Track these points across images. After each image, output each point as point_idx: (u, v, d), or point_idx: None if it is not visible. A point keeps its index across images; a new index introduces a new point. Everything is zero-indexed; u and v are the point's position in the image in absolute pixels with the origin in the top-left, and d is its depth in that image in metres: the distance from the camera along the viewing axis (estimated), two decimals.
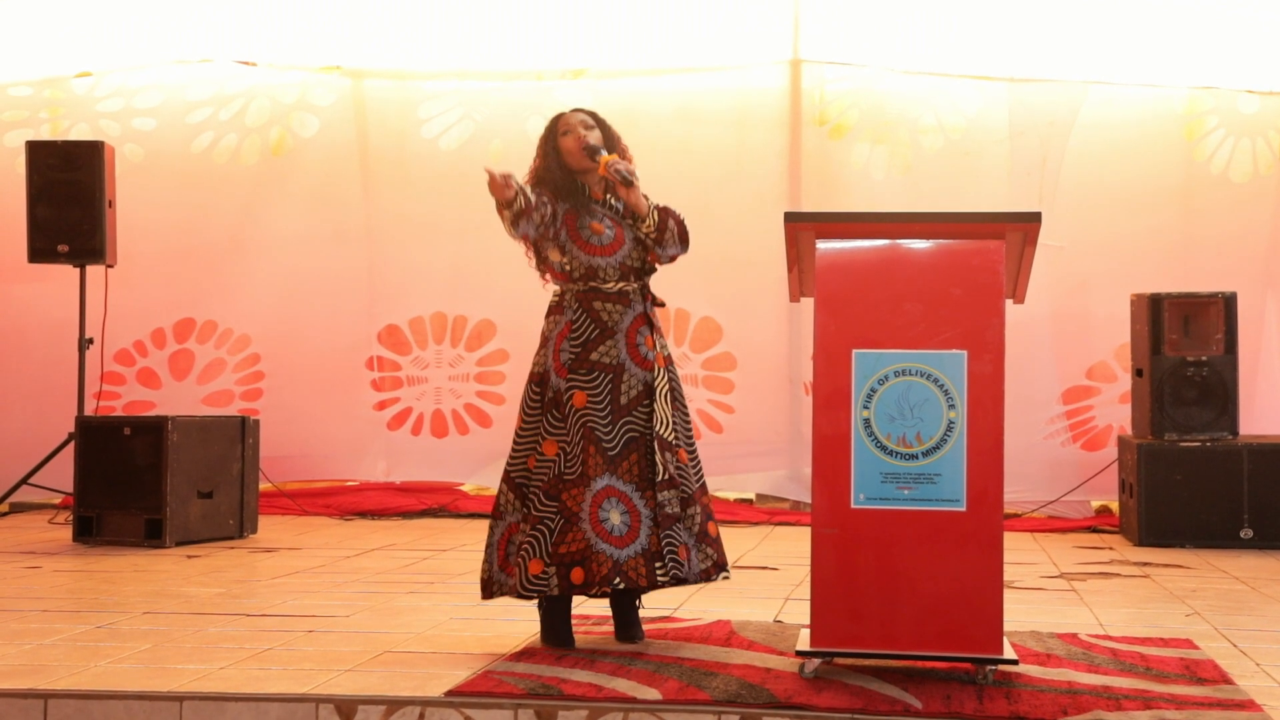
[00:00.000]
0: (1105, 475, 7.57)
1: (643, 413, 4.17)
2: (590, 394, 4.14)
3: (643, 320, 4.23)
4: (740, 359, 8.16)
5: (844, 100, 8.11)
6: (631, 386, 4.17)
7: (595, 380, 4.15)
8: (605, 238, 4.23)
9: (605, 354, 4.17)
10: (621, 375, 4.17)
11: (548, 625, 4.20)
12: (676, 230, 4.27)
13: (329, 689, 3.65)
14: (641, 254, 4.27)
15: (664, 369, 4.23)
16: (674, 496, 4.16)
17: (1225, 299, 6.97)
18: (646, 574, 4.09)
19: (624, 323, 4.20)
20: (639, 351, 4.20)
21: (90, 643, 4.26)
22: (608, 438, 4.12)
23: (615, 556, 4.06)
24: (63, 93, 8.53)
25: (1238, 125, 7.87)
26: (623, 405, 4.15)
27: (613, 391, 4.15)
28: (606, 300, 4.20)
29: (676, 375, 4.31)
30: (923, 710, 3.46)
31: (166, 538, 6.55)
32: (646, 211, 4.22)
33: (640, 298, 4.25)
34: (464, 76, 8.36)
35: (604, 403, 4.14)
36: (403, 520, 7.83)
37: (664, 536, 4.11)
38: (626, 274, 4.23)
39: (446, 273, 8.32)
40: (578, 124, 4.27)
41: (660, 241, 4.24)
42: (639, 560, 4.08)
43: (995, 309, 3.77)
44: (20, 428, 8.15)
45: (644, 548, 4.10)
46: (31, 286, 8.24)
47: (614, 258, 4.23)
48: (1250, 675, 3.92)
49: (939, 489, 3.73)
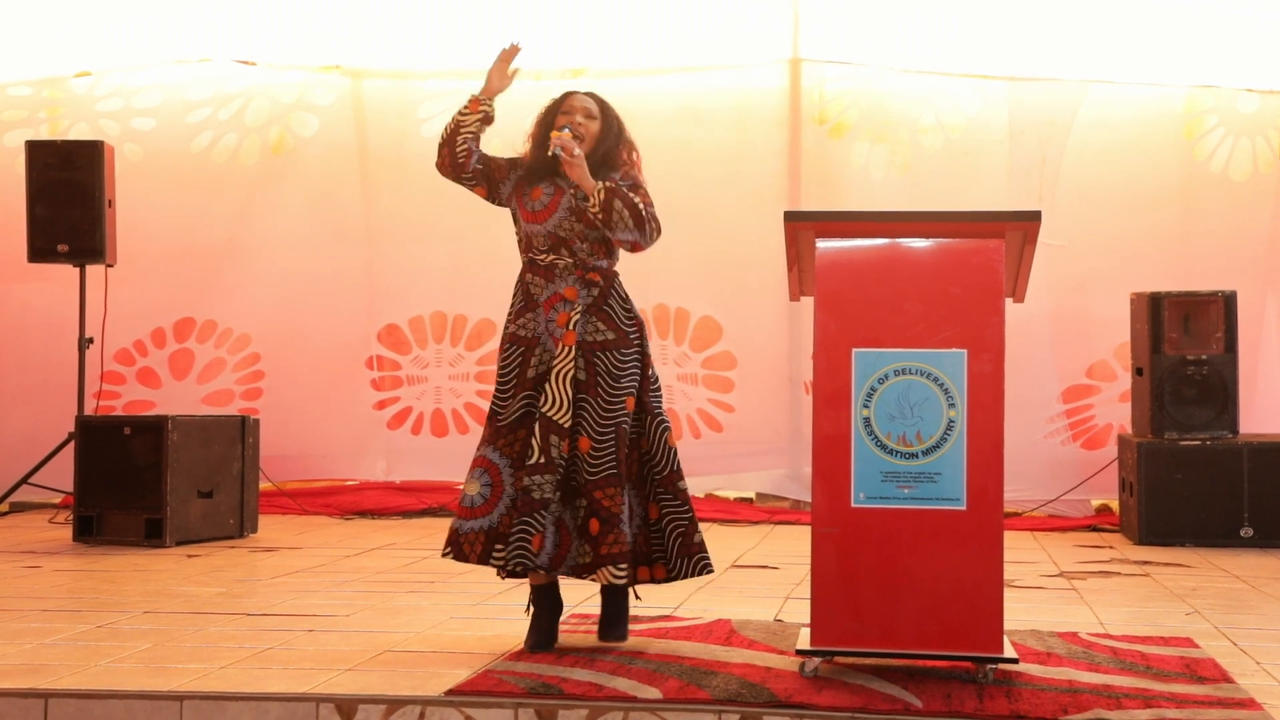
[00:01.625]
0: (1105, 474, 7.57)
1: (540, 389, 4.08)
2: (502, 365, 4.15)
3: (559, 297, 4.11)
4: (740, 358, 8.16)
5: (844, 99, 8.11)
6: (542, 361, 4.09)
7: (509, 352, 4.14)
8: (538, 203, 4.17)
9: (524, 326, 4.14)
10: (534, 348, 4.10)
11: (530, 624, 4.15)
12: (628, 213, 4.07)
13: (329, 688, 3.65)
14: (577, 225, 4.13)
15: (572, 348, 4.05)
16: (547, 482, 4.00)
17: (1225, 298, 6.97)
18: (480, 553, 4.03)
19: (543, 295, 4.13)
20: (549, 327, 4.11)
21: (91, 642, 4.26)
22: (502, 409, 4.10)
23: (456, 527, 4.09)
24: (62, 92, 8.53)
25: (1237, 124, 7.87)
26: (529, 379, 4.09)
27: (521, 365, 4.11)
28: (536, 272, 4.17)
29: (615, 363, 4.08)
30: (923, 709, 3.46)
31: (167, 537, 6.55)
32: (592, 189, 4.09)
33: (568, 271, 4.13)
34: (464, 76, 8.33)
35: (510, 374, 4.11)
36: (403, 519, 7.83)
37: (519, 521, 4.00)
38: (557, 245, 4.14)
39: (446, 272, 8.32)
40: (580, 109, 4.22)
41: (607, 223, 4.09)
42: (478, 536, 4.05)
43: (995, 308, 3.77)
44: (20, 427, 8.15)
45: (490, 524, 4.04)
46: (31, 286, 8.24)
47: (544, 225, 4.15)
48: (1250, 674, 3.92)
49: (939, 488, 3.73)
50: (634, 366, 4.12)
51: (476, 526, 4.07)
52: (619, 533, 4.01)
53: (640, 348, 4.16)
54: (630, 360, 4.12)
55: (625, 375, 4.10)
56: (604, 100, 4.30)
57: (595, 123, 4.21)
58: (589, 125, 4.20)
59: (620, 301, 4.16)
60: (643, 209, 4.11)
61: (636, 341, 4.15)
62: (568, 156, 4.07)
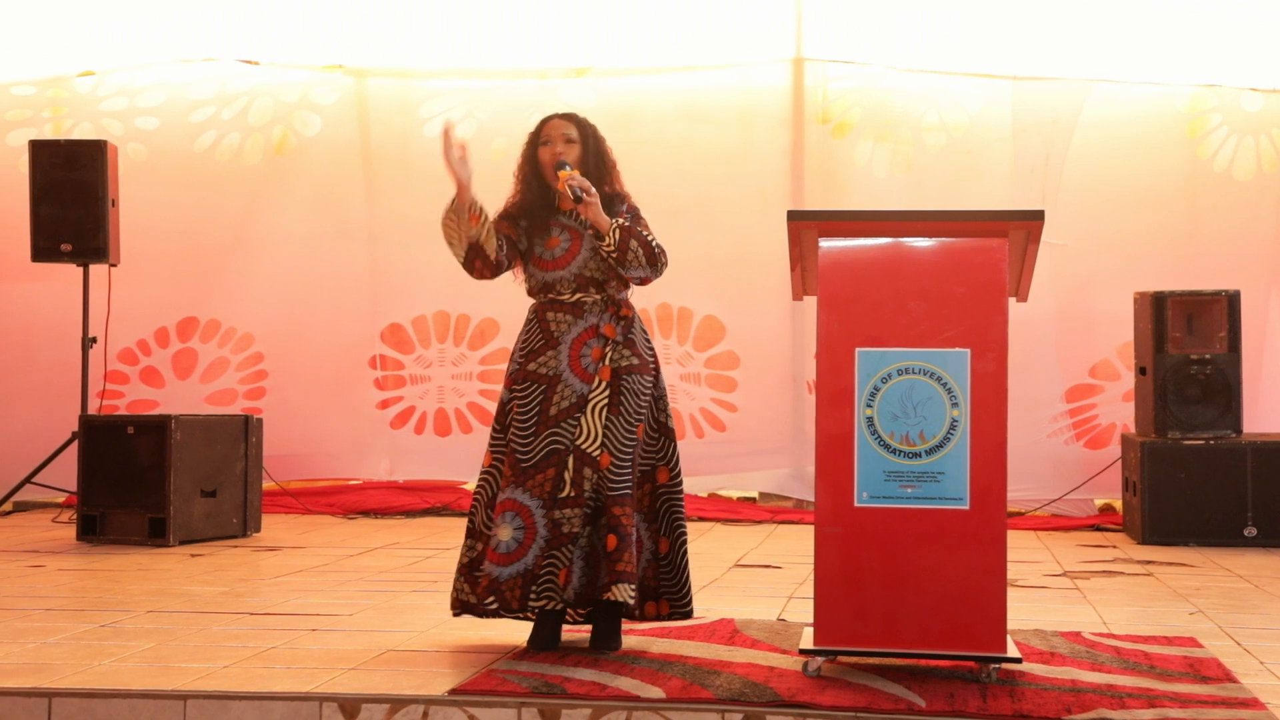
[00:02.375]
0: (1109, 473, 7.57)
1: (570, 425, 4.03)
2: (519, 404, 4.08)
3: (593, 333, 4.09)
4: (743, 357, 8.16)
5: (847, 98, 8.11)
6: (564, 398, 4.05)
7: (528, 390, 4.09)
8: (557, 251, 4.14)
9: (544, 364, 4.09)
10: (555, 386, 4.06)
11: (535, 629, 4.13)
12: (642, 252, 4.06)
13: (332, 688, 3.65)
14: (603, 265, 4.11)
15: (607, 383, 4.05)
16: (577, 515, 3.99)
17: (1229, 297, 6.96)
18: (519, 597, 3.98)
19: (571, 333, 4.10)
20: (580, 363, 4.07)
21: (94, 641, 4.27)
22: (523, 449, 4.03)
23: (495, 575, 4.00)
24: (66, 92, 8.54)
25: (1241, 123, 7.87)
26: (551, 416, 4.04)
27: (543, 403, 4.06)
28: (560, 310, 4.12)
29: (635, 386, 4.07)
30: (926, 709, 3.46)
31: (170, 536, 6.55)
32: (609, 229, 4.05)
33: (600, 309, 4.11)
34: (467, 75, 8.36)
35: (530, 413, 4.06)
36: (406, 519, 7.84)
37: (548, 558, 3.99)
38: (585, 285, 4.11)
39: (449, 271, 8.20)
40: (558, 137, 4.17)
41: (621, 262, 4.06)
42: (517, 581, 3.99)
43: (998, 307, 3.76)
44: (24, 427, 8.16)
45: (526, 568, 3.99)
46: (35, 286, 8.25)
47: (568, 270, 4.12)
48: (1254, 673, 3.92)
49: (942, 487, 3.73)
50: (649, 392, 4.12)
51: (514, 571, 4.00)
52: (630, 553, 4.00)
53: (655, 374, 4.18)
54: (647, 387, 4.12)
55: (643, 400, 4.10)
56: (579, 118, 4.24)
57: (575, 146, 4.18)
58: (569, 151, 4.16)
59: (642, 330, 4.19)
60: (655, 246, 4.10)
61: (654, 369, 4.17)
62: (588, 198, 4.03)
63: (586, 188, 4.04)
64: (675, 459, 4.19)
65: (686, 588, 4.18)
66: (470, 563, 4.15)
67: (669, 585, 4.16)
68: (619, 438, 4.04)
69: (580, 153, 4.18)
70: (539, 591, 3.99)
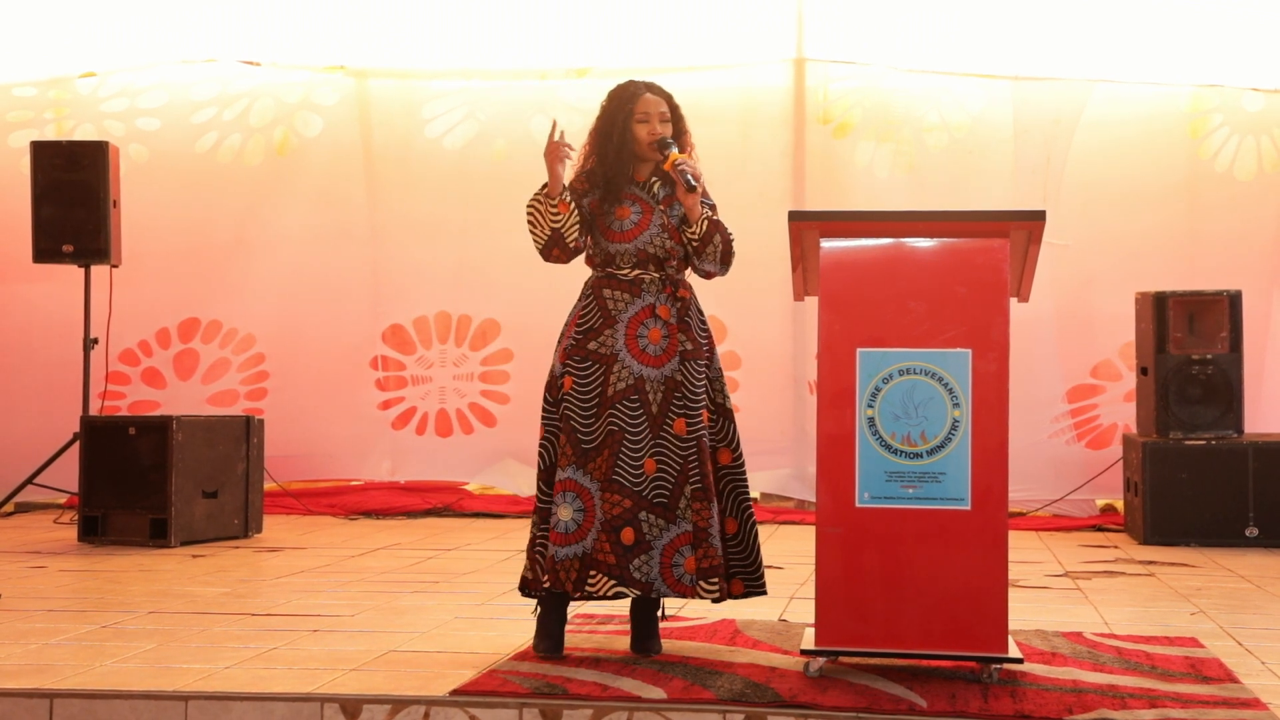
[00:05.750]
0: (1110, 474, 7.56)
1: (629, 405, 3.95)
2: (578, 381, 3.99)
3: (649, 312, 4.00)
4: (744, 358, 8.16)
5: (848, 99, 8.11)
6: (620, 379, 3.96)
7: (587, 369, 3.99)
8: (628, 223, 4.05)
9: (603, 343, 3.99)
10: (612, 366, 3.98)
11: (538, 630, 4.05)
12: (722, 248, 4.05)
13: (334, 688, 3.65)
14: (669, 243, 4.05)
15: (663, 367, 3.96)
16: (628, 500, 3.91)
17: (1230, 297, 6.96)
18: (575, 580, 3.90)
19: (628, 312, 4.01)
20: (638, 344, 3.99)
21: (95, 642, 4.27)
22: (584, 428, 3.96)
23: (554, 554, 3.93)
24: (67, 93, 8.54)
25: (1242, 123, 7.86)
26: (609, 397, 3.96)
27: (603, 382, 3.98)
28: (617, 288, 4.03)
29: (695, 375, 4.00)
30: (928, 709, 3.46)
31: (171, 537, 6.55)
32: (699, 218, 4.03)
33: (657, 288, 4.02)
34: (468, 76, 8.36)
35: (591, 393, 3.98)
36: (407, 520, 7.84)
37: (606, 542, 3.89)
38: (645, 261, 4.03)
39: (450, 272, 8.33)
40: (656, 116, 4.09)
41: (700, 253, 4.04)
42: (573, 563, 3.91)
43: (1000, 307, 3.76)
44: (25, 428, 8.16)
45: (585, 550, 3.91)
46: (36, 287, 8.25)
47: (633, 244, 4.04)
48: (1256, 674, 3.92)
49: (944, 488, 3.73)
50: (704, 376, 4.04)
51: (571, 553, 3.92)
52: (709, 547, 3.93)
53: (711, 358, 4.09)
54: (702, 370, 4.04)
55: (701, 388, 4.02)
56: (668, 93, 4.17)
57: (669, 125, 4.13)
58: (666, 129, 4.11)
59: (699, 314, 4.08)
60: (732, 245, 4.08)
61: (708, 353, 4.09)
62: (698, 184, 3.99)
63: (698, 175, 4.02)
64: (736, 439, 4.08)
65: (759, 565, 4.08)
66: (535, 540, 4.05)
67: (741, 564, 4.06)
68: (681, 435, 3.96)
69: (673, 132, 4.13)
70: (595, 580, 3.89)
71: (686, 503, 3.94)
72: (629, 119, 4.10)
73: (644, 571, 3.89)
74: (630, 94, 4.14)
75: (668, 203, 4.09)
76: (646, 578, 3.89)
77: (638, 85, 4.16)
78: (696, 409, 3.99)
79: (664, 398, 3.98)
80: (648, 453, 3.94)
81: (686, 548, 3.92)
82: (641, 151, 4.10)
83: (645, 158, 4.11)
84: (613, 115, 4.13)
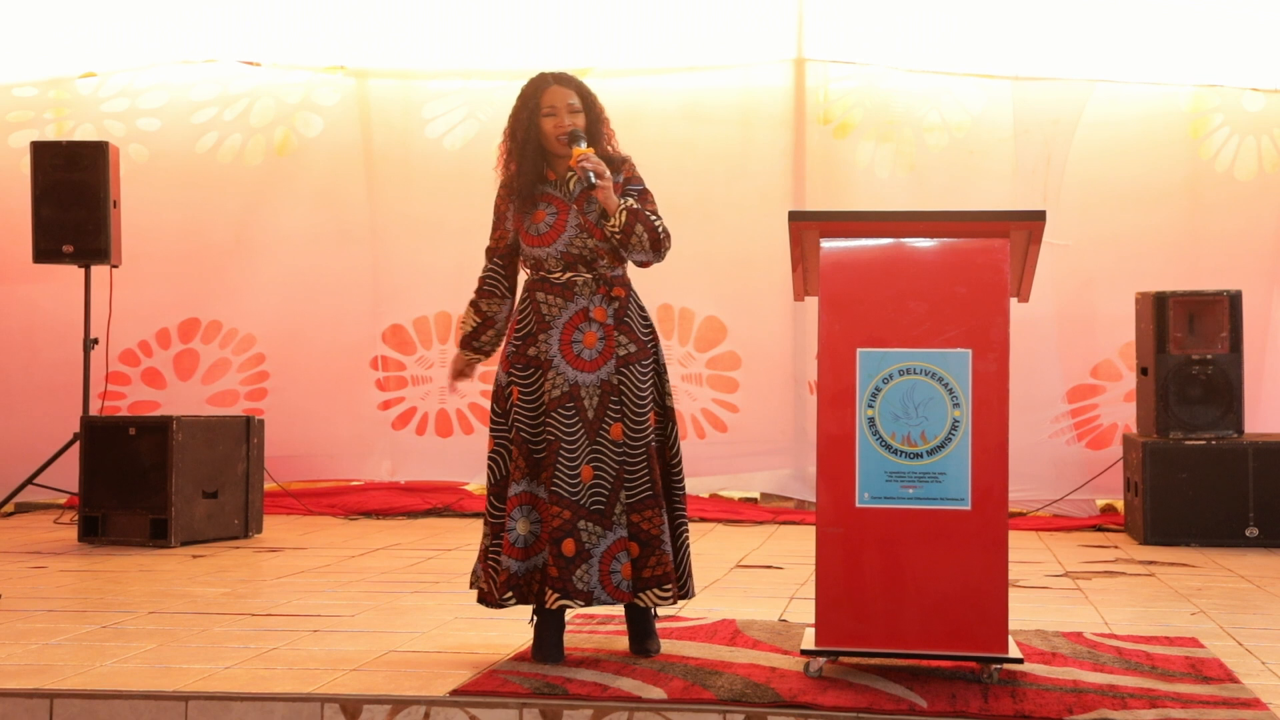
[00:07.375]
0: (1110, 474, 7.56)
1: (564, 414, 3.87)
2: (523, 390, 3.92)
3: (583, 316, 3.91)
4: (745, 358, 8.16)
5: (848, 99, 8.11)
6: (556, 385, 3.89)
7: (529, 376, 3.92)
8: (544, 225, 3.93)
9: (540, 349, 3.91)
10: (547, 370, 3.90)
11: (536, 637, 4.01)
12: (647, 236, 3.91)
13: (334, 688, 3.65)
14: (590, 241, 3.93)
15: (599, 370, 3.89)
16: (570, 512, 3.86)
17: (1230, 297, 6.96)
18: (537, 592, 3.88)
19: (561, 317, 3.91)
20: (573, 349, 3.90)
21: (96, 642, 4.27)
22: (533, 438, 3.90)
23: (512, 569, 3.88)
24: (67, 93, 8.54)
25: (1243, 123, 7.86)
26: (547, 402, 3.89)
27: (541, 389, 3.91)
28: (550, 291, 3.93)
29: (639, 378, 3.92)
30: (928, 709, 3.46)
31: (172, 537, 6.56)
32: (615, 209, 3.90)
33: (591, 290, 3.93)
34: (468, 76, 8.36)
35: (534, 400, 3.91)
36: (407, 520, 7.84)
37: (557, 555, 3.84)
38: (574, 263, 3.93)
39: (450, 272, 8.31)
40: (564, 108, 3.96)
41: (625, 245, 3.92)
42: (534, 575, 3.89)
43: (1000, 307, 3.76)
44: (26, 428, 8.16)
45: (544, 562, 3.87)
46: (36, 287, 8.25)
47: (553, 248, 3.93)
48: (1256, 674, 3.92)
49: (944, 488, 3.73)
50: (651, 377, 3.98)
51: (531, 565, 3.90)
52: (661, 554, 3.92)
53: (655, 355, 4.02)
54: (648, 371, 3.97)
55: (647, 389, 3.96)
56: (576, 81, 4.05)
57: (580, 115, 3.98)
58: (577, 120, 3.98)
59: (638, 311, 4.01)
60: (660, 230, 3.95)
61: (652, 350, 4.01)
62: (602, 182, 3.89)
63: (601, 171, 3.89)
64: (675, 440, 4.03)
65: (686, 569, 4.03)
66: (486, 551, 3.99)
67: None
68: (629, 442, 3.91)
69: (585, 122, 3.99)
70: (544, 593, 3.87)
71: (623, 509, 3.89)
72: (535, 114, 4.01)
73: (585, 581, 3.85)
74: (535, 88, 4.03)
75: (584, 199, 3.97)
76: (588, 587, 3.86)
77: (544, 78, 4.06)
78: (640, 413, 3.93)
79: (600, 403, 3.91)
80: (584, 459, 3.88)
81: (623, 554, 3.89)
82: (551, 146, 3.99)
83: (558, 153, 4.00)
84: (519, 114, 4.05)
